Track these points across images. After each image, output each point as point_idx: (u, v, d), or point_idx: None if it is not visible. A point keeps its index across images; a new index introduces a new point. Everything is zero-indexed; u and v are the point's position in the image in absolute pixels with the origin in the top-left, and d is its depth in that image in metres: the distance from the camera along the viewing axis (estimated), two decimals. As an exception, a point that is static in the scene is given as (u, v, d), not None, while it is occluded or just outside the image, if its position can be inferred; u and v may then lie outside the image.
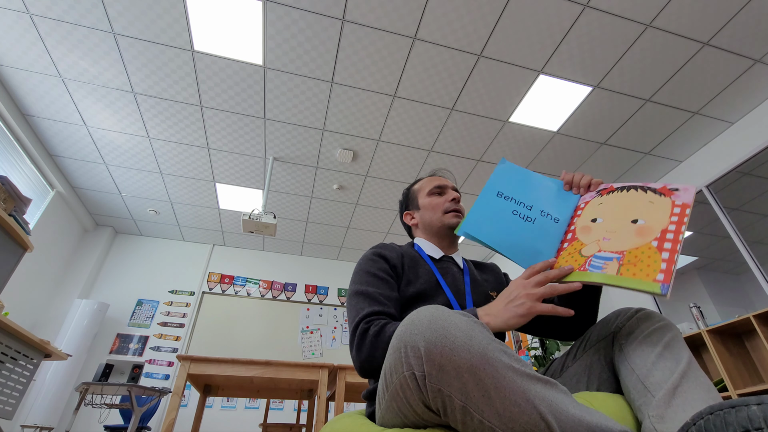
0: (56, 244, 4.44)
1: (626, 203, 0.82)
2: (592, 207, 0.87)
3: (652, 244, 0.72)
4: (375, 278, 0.96)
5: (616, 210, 0.82)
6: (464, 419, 0.54)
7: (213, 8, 2.61)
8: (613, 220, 0.80)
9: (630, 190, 0.85)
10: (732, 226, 3.37)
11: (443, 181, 1.24)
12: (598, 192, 0.90)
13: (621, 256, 0.72)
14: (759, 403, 0.44)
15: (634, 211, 0.79)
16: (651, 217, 0.76)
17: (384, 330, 0.81)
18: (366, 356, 0.81)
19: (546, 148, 3.76)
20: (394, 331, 0.76)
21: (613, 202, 0.85)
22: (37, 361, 2.20)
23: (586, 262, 0.75)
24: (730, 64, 2.96)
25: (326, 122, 3.48)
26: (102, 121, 3.50)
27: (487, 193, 0.93)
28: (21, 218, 1.99)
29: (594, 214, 0.85)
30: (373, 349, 0.81)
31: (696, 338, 2.98)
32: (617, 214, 0.81)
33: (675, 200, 0.78)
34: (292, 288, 5.54)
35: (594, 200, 0.89)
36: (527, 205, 0.91)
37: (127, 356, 4.58)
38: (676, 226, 0.73)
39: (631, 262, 0.70)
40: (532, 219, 0.88)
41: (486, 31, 2.73)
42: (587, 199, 0.91)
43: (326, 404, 2.36)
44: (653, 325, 0.72)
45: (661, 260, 0.68)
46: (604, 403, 0.67)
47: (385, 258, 1.02)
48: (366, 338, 0.82)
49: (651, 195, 0.82)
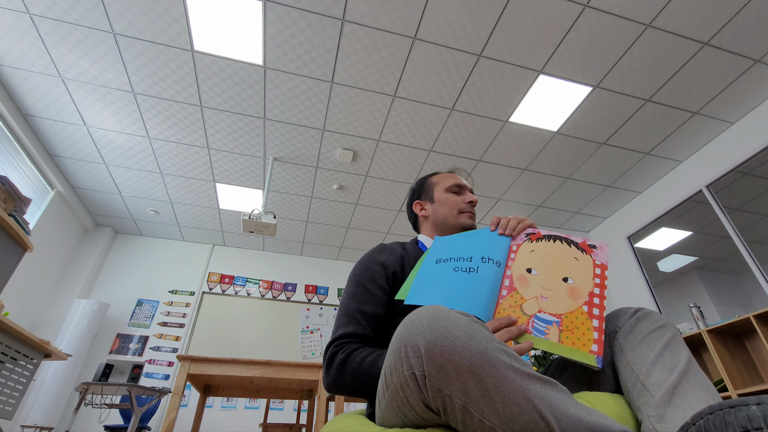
0: (56, 244, 4.44)
1: (556, 256, 0.86)
2: (525, 254, 0.89)
3: (584, 309, 0.77)
4: (363, 290, 0.96)
5: (548, 263, 0.85)
6: (464, 419, 0.54)
7: (213, 8, 2.61)
8: (546, 274, 0.83)
9: (556, 241, 0.89)
10: (732, 226, 3.37)
11: (463, 182, 1.23)
12: (527, 236, 0.92)
13: (560, 321, 0.76)
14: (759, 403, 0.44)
15: (564, 267, 0.83)
16: (579, 276, 0.81)
17: (350, 358, 0.84)
18: (331, 381, 0.85)
19: (546, 148, 3.76)
20: (362, 362, 0.81)
21: (544, 252, 0.87)
22: (37, 361, 2.20)
23: (529, 322, 0.78)
24: (730, 64, 2.96)
25: (326, 122, 3.48)
26: (102, 121, 3.50)
27: (426, 264, 0.94)
28: (21, 218, 1.99)
29: (528, 263, 0.87)
30: (338, 375, 0.84)
31: (696, 338, 2.99)
32: (549, 267, 0.84)
33: (595, 259, 0.83)
34: (292, 288, 5.54)
35: (525, 245, 0.91)
36: (466, 258, 0.91)
37: (127, 356, 4.58)
38: (600, 289, 0.79)
39: (569, 328, 0.75)
40: (475, 269, 0.88)
41: (486, 31, 2.73)
42: (519, 242, 0.92)
43: (326, 404, 2.36)
44: (652, 325, 0.72)
45: (593, 329, 0.74)
46: (604, 403, 0.67)
47: (384, 265, 1.00)
48: (333, 364, 0.85)
49: (575, 250, 0.86)
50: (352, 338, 0.88)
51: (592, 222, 4.92)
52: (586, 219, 4.86)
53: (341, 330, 0.90)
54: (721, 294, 3.62)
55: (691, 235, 3.93)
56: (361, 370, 0.80)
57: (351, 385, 0.83)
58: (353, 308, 0.93)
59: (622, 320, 0.77)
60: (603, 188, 4.29)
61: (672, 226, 4.03)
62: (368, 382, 0.79)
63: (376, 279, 0.98)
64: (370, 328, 0.91)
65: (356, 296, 0.95)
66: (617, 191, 4.35)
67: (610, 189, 4.30)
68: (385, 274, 0.99)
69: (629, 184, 4.22)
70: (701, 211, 3.71)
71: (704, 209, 3.66)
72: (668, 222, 4.04)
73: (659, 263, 4.16)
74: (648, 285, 4.10)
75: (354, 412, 0.88)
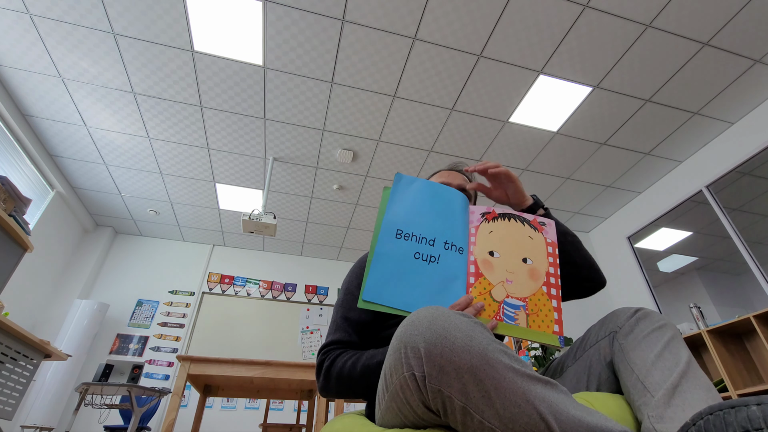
0: (56, 245, 4.44)
1: (514, 237, 0.85)
2: (484, 236, 0.85)
3: (543, 289, 0.79)
4: (350, 297, 1.00)
5: (507, 244, 0.85)
6: (464, 420, 0.54)
7: (213, 8, 2.61)
8: (508, 256, 0.83)
9: (511, 220, 0.88)
10: (732, 226, 3.37)
11: (449, 180, 1.17)
12: (483, 216, 0.88)
13: (525, 305, 0.77)
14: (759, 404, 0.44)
15: (522, 248, 0.84)
16: (536, 257, 0.83)
17: (334, 364, 0.87)
18: (321, 387, 0.89)
19: (546, 149, 3.76)
20: (343, 365, 0.85)
21: (503, 232, 0.86)
22: (37, 361, 2.20)
23: (499, 309, 0.77)
24: (730, 64, 2.96)
25: (326, 122, 3.48)
26: (102, 122, 3.50)
27: (384, 237, 0.81)
28: (21, 218, 1.99)
29: (489, 245, 0.84)
30: (326, 381, 0.88)
31: (696, 338, 2.98)
32: (509, 249, 0.84)
33: (546, 237, 0.84)
34: (292, 288, 5.54)
35: (483, 226, 0.87)
36: (429, 240, 0.82)
37: (127, 356, 4.58)
38: (554, 269, 0.81)
39: (534, 312, 0.77)
40: (436, 258, 0.81)
41: (486, 31, 2.73)
42: (476, 223, 0.88)
43: (326, 405, 2.36)
44: (652, 325, 0.72)
45: (553, 309, 0.77)
46: (604, 404, 0.67)
47: None
48: (321, 371, 0.89)
49: (528, 229, 0.86)
50: (338, 345, 0.92)
51: (592, 222, 4.92)
52: (586, 219, 4.86)
53: (328, 338, 0.95)
54: (721, 294, 3.62)
55: (691, 235, 3.93)
56: (343, 373, 0.85)
57: (337, 388, 0.87)
58: (340, 316, 0.97)
59: (621, 320, 0.77)
60: (603, 188, 4.29)
61: (672, 226, 4.03)
62: (351, 384, 0.84)
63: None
64: (355, 334, 0.94)
65: (344, 303, 0.99)
66: (617, 191, 4.35)
67: (610, 189, 4.30)
68: None
69: (629, 184, 4.22)
70: (701, 211, 3.71)
71: (704, 209, 3.66)
72: (668, 222, 4.04)
73: (659, 263, 4.16)
74: (648, 285, 4.10)
75: (354, 412, 0.88)
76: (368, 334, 0.97)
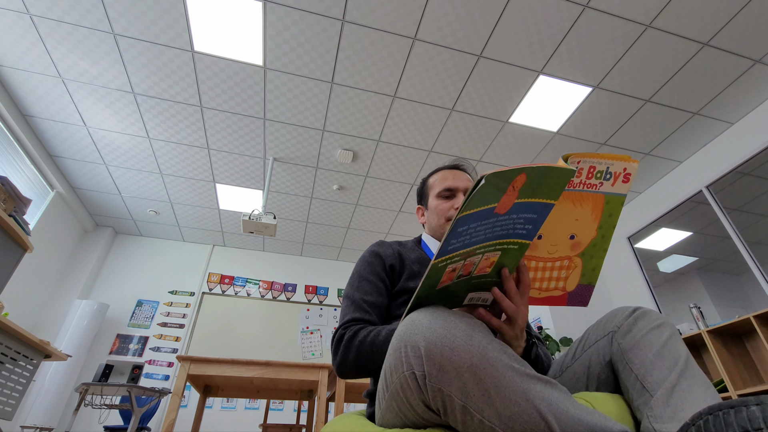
0: (56, 245, 4.44)
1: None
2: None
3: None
4: (366, 282, 1.00)
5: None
6: (464, 419, 0.54)
7: (213, 9, 2.61)
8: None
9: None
10: (732, 226, 3.37)
11: (455, 183, 1.14)
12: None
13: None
14: (758, 404, 0.44)
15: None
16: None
17: (357, 335, 0.86)
18: (339, 360, 0.88)
19: (546, 149, 3.76)
20: (366, 335, 0.84)
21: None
22: (36, 361, 2.20)
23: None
24: (730, 64, 2.96)
25: (326, 123, 3.48)
26: (102, 122, 3.50)
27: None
28: (21, 219, 1.99)
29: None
30: (345, 352, 0.87)
31: (696, 339, 2.98)
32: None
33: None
34: (292, 288, 5.54)
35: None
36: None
37: (126, 357, 4.58)
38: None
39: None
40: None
41: (486, 31, 2.73)
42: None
43: (326, 405, 2.36)
44: (650, 324, 0.72)
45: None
46: (604, 403, 0.67)
47: (381, 257, 1.05)
48: (341, 343, 0.88)
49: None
50: (358, 322, 0.92)
51: (592, 222, 4.92)
52: (586, 219, 4.85)
53: (348, 316, 0.94)
54: (721, 294, 3.61)
55: (691, 235, 3.93)
56: (365, 342, 0.84)
57: (356, 358, 0.85)
58: (358, 298, 0.97)
59: (620, 320, 0.77)
60: (603, 188, 4.29)
61: (672, 226, 4.03)
62: (372, 353, 0.82)
63: (377, 271, 1.02)
64: (375, 315, 0.95)
65: (360, 288, 1.00)
66: (617, 191, 4.34)
67: (610, 189, 4.30)
68: (383, 266, 1.03)
69: (629, 184, 4.22)
70: (701, 211, 3.71)
71: (704, 209, 3.66)
72: (668, 222, 4.04)
73: (659, 264, 4.16)
74: (648, 285, 4.10)
75: (354, 412, 0.88)
76: (384, 317, 0.98)
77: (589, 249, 0.79)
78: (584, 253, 0.79)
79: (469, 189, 0.55)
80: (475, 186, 0.54)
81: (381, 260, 1.04)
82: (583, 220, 0.78)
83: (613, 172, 0.73)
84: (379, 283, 1.01)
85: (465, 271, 0.66)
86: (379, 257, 1.05)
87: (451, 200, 1.14)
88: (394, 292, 1.02)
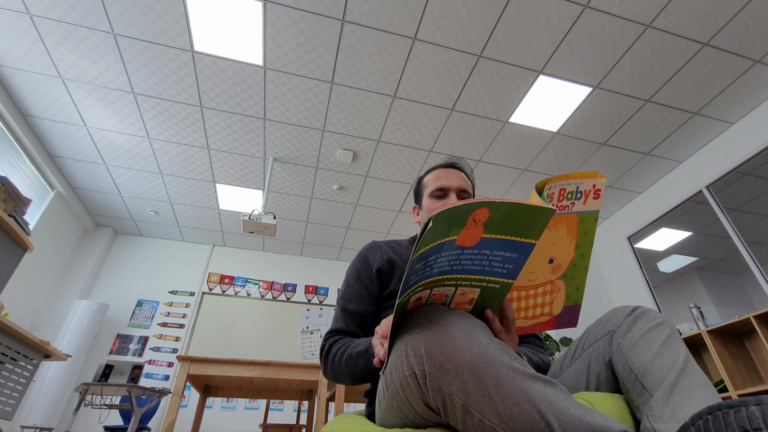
0: (56, 245, 4.44)
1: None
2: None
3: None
4: (350, 289, 1.04)
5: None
6: (464, 418, 0.54)
7: (213, 9, 2.61)
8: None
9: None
10: (732, 226, 3.37)
11: (447, 182, 1.13)
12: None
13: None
14: (758, 404, 0.44)
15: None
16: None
17: (331, 349, 0.93)
18: (322, 370, 0.96)
19: (546, 149, 3.76)
20: (336, 351, 0.90)
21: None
22: (36, 361, 2.20)
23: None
24: (730, 64, 2.96)
25: (326, 123, 3.48)
26: (102, 122, 3.50)
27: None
28: (21, 219, 1.99)
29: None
30: (324, 364, 0.94)
31: (696, 339, 2.99)
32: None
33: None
34: (292, 288, 5.54)
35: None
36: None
37: (126, 357, 4.58)
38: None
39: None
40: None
41: (486, 31, 2.73)
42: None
43: (326, 405, 2.36)
44: (650, 323, 0.72)
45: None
46: (604, 403, 0.67)
47: (369, 262, 1.07)
48: (321, 356, 0.96)
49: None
50: (335, 333, 0.98)
51: (592, 222, 4.92)
52: (586, 219, 4.85)
53: (331, 326, 1.01)
54: (721, 294, 3.61)
55: (691, 235, 3.93)
56: (334, 360, 0.90)
57: (332, 372, 0.92)
58: (340, 308, 1.02)
59: (619, 319, 0.77)
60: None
61: (672, 226, 4.03)
62: (339, 370, 0.89)
63: (362, 278, 1.05)
64: (353, 324, 0.99)
65: (344, 296, 1.04)
66: (617, 191, 4.35)
67: (610, 189, 4.30)
68: (370, 271, 1.05)
69: (629, 184, 4.22)
70: (701, 211, 3.71)
71: (704, 210, 3.66)
72: (668, 222, 4.04)
73: (659, 264, 4.16)
74: (648, 285, 4.10)
75: (354, 412, 0.88)
76: (367, 323, 1.01)
77: (570, 270, 0.79)
78: (566, 275, 0.80)
79: (447, 207, 0.54)
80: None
81: (368, 265, 1.06)
82: (560, 242, 0.78)
83: (583, 191, 0.74)
84: (362, 291, 1.03)
85: (437, 300, 0.66)
86: (367, 262, 1.06)
87: (443, 200, 1.12)
88: (384, 295, 1.03)
